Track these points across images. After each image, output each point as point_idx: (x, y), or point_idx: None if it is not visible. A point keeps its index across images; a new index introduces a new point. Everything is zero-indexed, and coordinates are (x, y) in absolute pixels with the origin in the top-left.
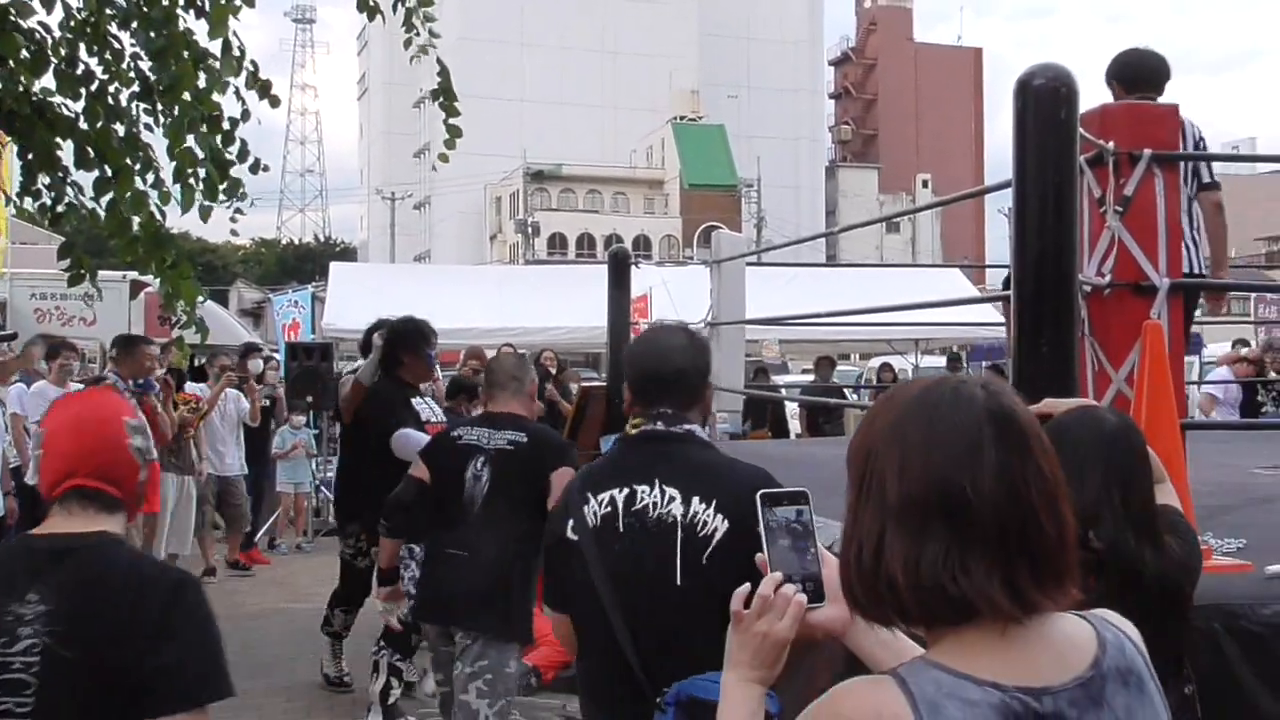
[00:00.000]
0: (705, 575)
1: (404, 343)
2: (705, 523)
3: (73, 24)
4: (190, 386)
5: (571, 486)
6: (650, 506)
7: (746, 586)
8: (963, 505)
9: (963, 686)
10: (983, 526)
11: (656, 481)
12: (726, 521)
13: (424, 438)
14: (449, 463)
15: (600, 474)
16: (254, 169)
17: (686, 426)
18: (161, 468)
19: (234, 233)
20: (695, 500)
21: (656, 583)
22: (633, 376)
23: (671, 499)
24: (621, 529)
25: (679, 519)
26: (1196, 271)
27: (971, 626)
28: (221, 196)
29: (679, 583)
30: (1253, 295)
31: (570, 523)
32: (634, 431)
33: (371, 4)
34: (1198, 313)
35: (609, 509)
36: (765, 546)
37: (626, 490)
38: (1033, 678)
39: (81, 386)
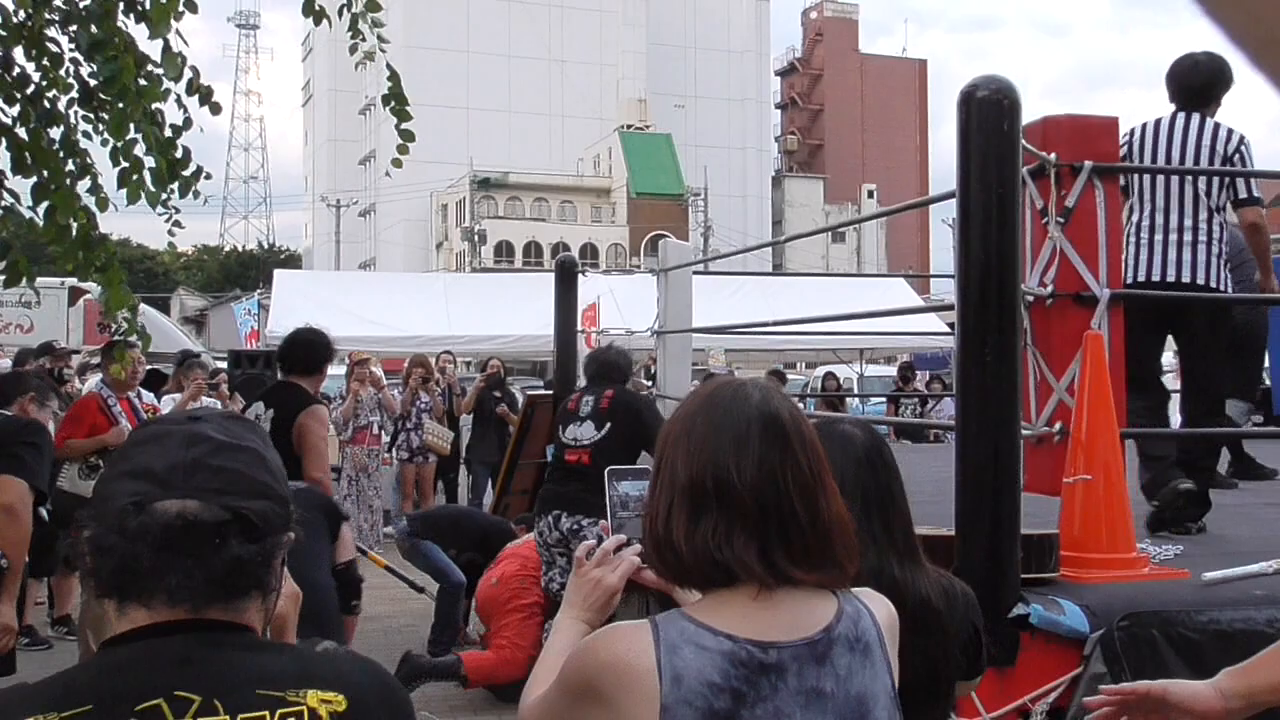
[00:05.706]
0: None
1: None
2: None
3: (8, 26)
4: (148, 397)
5: None
6: None
7: (591, 542)
8: (730, 488)
9: (701, 635)
10: (745, 507)
11: None
12: None
13: None
14: None
15: None
16: (196, 176)
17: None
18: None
19: (172, 244)
20: None
21: None
22: None
23: None
24: None
25: None
26: (1213, 286)
27: (729, 591)
28: (172, 189)
29: None
30: None
31: None
32: None
33: (318, 8)
34: None
35: None
36: (609, 514)
37: None
38: (765, 634)
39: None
